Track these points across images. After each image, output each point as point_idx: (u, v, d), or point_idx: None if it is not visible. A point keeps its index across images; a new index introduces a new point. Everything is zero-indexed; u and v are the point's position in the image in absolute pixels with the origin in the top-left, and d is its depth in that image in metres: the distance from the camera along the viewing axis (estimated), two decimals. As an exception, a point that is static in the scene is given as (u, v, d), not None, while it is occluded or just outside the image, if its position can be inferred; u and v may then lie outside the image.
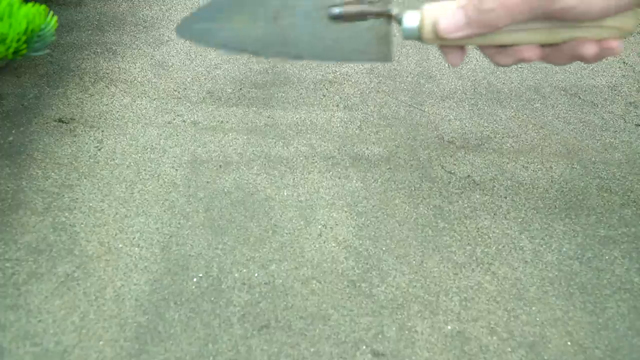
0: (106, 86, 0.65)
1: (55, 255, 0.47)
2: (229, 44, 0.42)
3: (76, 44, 0.71)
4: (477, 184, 0.54)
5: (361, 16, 0.40)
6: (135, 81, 0.66)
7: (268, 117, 0.61)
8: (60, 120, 0.60)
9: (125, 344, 0.41)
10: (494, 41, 0.37)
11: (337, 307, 0.43)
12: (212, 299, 0.44)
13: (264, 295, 0.44)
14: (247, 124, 0.60)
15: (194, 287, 0.45)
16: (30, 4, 0.55)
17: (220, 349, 0.40)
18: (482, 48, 0.40)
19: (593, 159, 0.57)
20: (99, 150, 0.57)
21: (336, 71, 0.68)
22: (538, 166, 0.56)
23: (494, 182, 0.54)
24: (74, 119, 0.60)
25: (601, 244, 0.49)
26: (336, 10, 0.40)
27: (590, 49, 0.36)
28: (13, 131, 0.58)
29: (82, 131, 0.59)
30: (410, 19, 0.39)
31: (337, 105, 0.63)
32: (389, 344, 0.41)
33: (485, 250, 0.48)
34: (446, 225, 0.50)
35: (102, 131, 0.59)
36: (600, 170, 0.56)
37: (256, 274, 0.46)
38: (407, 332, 0.42)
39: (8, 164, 0.54)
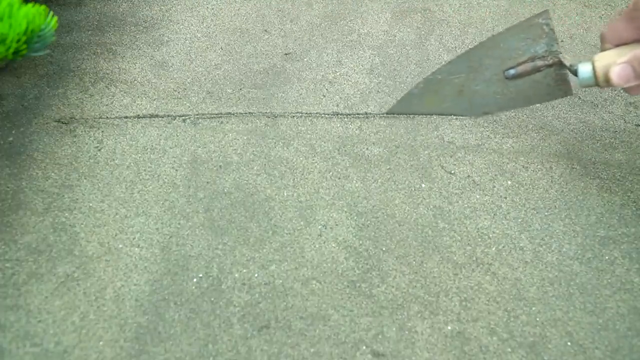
0: (106, 86, 0.65)
1: (55, 256, 0.47)
2: (427, 113, 0.54)
3: (76, 44, 0.71)
4: (477, 184, 0.54)
5: (536, 71, 0.49)
6: (135, 81, 0.66)
7: (268, 117, 0.61)
8: (60, 121, 0.60)
9: (125, 345, 0.41)
10: None
11: (337, 307, 0.43)
12: (212, 299, 0.44)
13: (264, 296, 0.44)
14: (247, 124, 0.60)
15: (194, 287, 0.45)
16: (30, 4, 0.55)
17: (220, 350, 0.40)
18: None
19: (593, 159, 0.57)
20: (99, 150, 0.57)
21: (336, 71, 0.68)
22: (538, 166, 0.56)
23: (494, 182, 0.54)
24: (74, 119, 0.60)
25: (601, 244, 0.49)
26: (512, 72, 0.49)
27: None
28: (13, 131, 0.58)
29: (82, 131, 0.59)
30: (585, 70, 0.47)
31: (337, 105, 0.63)
32: (389, 344, 0.41)
33: (485, 250, 0.48)
34: (446, 226, 0.50)
35: (102, 131, 0.59)
36: (600, 170, 0.56)
37: (256, 274, 0.46)
38: (407, 332, 0.42)
39: (8, 164, 0.54)
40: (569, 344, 0.41)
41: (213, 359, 0.40)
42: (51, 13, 0.58)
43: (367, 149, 0.58)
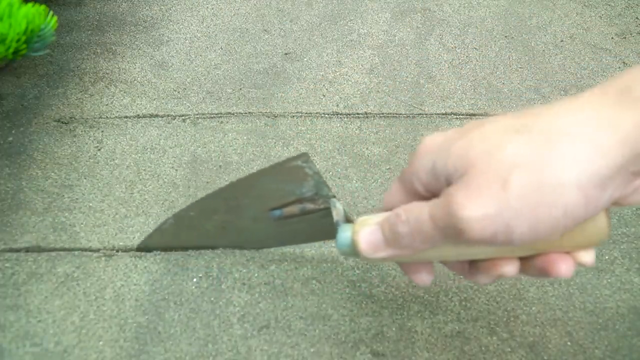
0: (106, 86, 0.65)
1: (55, 255, 0.47)
2: (188, 247, 0.47)
3: (76, 44, 0.71)
4: (477, 184, 0.54)
5: (306, 213, 0.41)
6: (135, 81, 0.66)
7: (268, 117, 0.61)
8: (60, 121, 0.60)
9: (125, 344, 0.41)
10: (421, 258, 0.33)
11: (337, 307, 0.43)
12: (212, 299, 0.44)
13: (264, 296, 0.44)
14: (247, 124, 0.60)
15: (194, 287, 0.45)
16: (30, 4, 0.54)
17: (220, 349, 0.40)
18: (447, 264, 0.35)
19: (593, 159, 0.57)
20: (99, 150, 0.57)
21: (336, 71, 0.68)
22: (538, 166, 0.56)
23: (494, 182, 0.54)
24: (74, 119, 0.60)
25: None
26: (278, 213, 0.42)
27: (557, 265, 0.30)
28: (13, 131, 0.58)
29: (81, 131, 0.59)
30: (343, 237, 0.34)
31: (337, 105, 0.63)
32: (389, 344, 0.41)
33: (485, 250, 0.48)
34: (446, 225, 0.50)
35: (102, 131, 0.59)
36: (600, 170, 0.56)
37: (256, 274, 0.46)
38: (407, 332, 0.42)
39: (8, 164, 0.54)
40: (569, 343, 0.41)
41: (213, 359, 0.40)
42: (51, 13, 0.58)
43: (367, 148, 0.58)
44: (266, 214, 0.43)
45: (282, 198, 0.41)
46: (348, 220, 0.37)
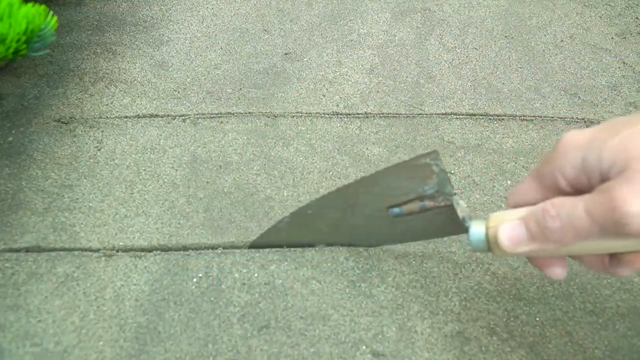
0: (106, 86, 0.65)
1: (55, 255, 0.47)
2: (299, 245, 0.47)
3: (76, 44, 0.71)
4: (477, 184, 0.54)
5: (425, 211, 0.41)
6: (135, 81, 0.66)
7: (268, 117, 0.61)
8: (60, 121, 0.60)
9: (125, 344, 0.41)
10: (563, 252, 0.34)
11: (337, 307, 0.43)
12: (212, 299, 0.44)
13: (264, 296, 0.44)
14: (247, 124, 0.60)
15: (194, 287, 0.45)
16: (30, 4, 0.54)
17: (220, 349, 0.40)
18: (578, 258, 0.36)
19: (593, 159, 0.57)
20: (99, 150, 0.57)
21: (336, 71, 0.68)
22: (538, 166, 0.56)
23: (494, 182, 0.54)
24: (74, 119, 0.60)
25: None
26: (397, 211, 0.42)
27: None
28: (13, 131, 0.58)
29: (81, 131, 0.59)
30: (476, 232, 0.36)
31: (337, 105, 0.63)
32: (389, 344, 0.41)
33: (485, 250, 0.48)
34: (446, 225, 0.50)
35: (102, 131, 0.59)
36: (600, 170, 0.56)
37: (256, 274, 0.46)
38: (407, 332, 0.42)
39: (8, 164, 0.54)
40: (568, 343, 0.41)
41: (213, 359, 0.40)
42: (51, 13, 0.58)
43: (366, 148, 0.58)
44: (383, 211, 0.43)
45: (403, 196, 0.42)
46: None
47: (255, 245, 0.47)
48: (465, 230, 0.37)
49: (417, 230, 0.44)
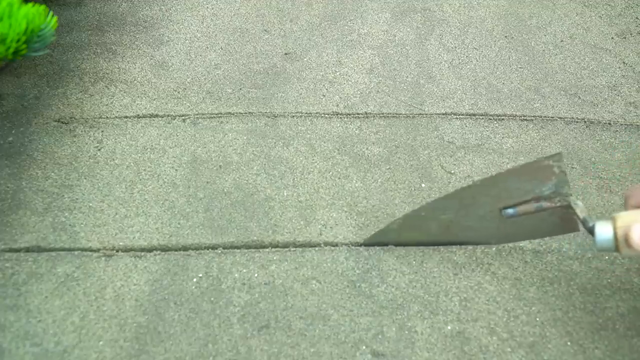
0: (106, 86, 0.65)
1: (55, 255, 0.47)
2: (409, 244, 0.48)
3: (76, 44, 0.71)
4: (477, 184, 0.54)
5: (540, 211, 0.43)
6: (135, 81, 0.66)
7: (268, 117, 0.61)
8: (60, 121, 0.60)
9: (125, 344, 0.41)
10: None
11: (337, 307, 0.43)
12: (212, 299, 0.44)
13: (264, 296, 0.44)
14: (247, 124, 0.60)
15: (194, 287, 0.45)
16: (30, 4, 0.54)
17: (220, 349, 0.40)
18: None
19: (593, 159, 0.57)
20: (99, 150, 0.57)
21: (336, 71, 0.68)
22: (538, 166, 0.56)
23: (494, 182, 0.54)
24: (74, 119, 0.60)
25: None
26: (510, 212, 0.43)
27: None
28: (13, 131, 0.58)
29: (81, 131, 0.59)
30: (604, 232, 0.37)
31: (337, 105, 0.63)
32: (389, 344, 0.41)
33: (485, 250, 0.48)
34: (446, 225, 0.50)
35: (102, 131, 0.59)
36: (600, 170, 0.56)
37: (256, 274, 0.46)
38: (407, 332, 0.42)
39: (8, 164, 0.54)
40: (568, 343, 0.41)
41: (213, 359, 0.40)
42: (51, 13, 0.58)
43: (367, 148, 0.58)
44: (495, 212, 0.44)
45: (519, 197, 0.43)
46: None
47: (366, 244, 0.48)
48: (588, 230, 0.39)
49: (527, 229, 0.45)
